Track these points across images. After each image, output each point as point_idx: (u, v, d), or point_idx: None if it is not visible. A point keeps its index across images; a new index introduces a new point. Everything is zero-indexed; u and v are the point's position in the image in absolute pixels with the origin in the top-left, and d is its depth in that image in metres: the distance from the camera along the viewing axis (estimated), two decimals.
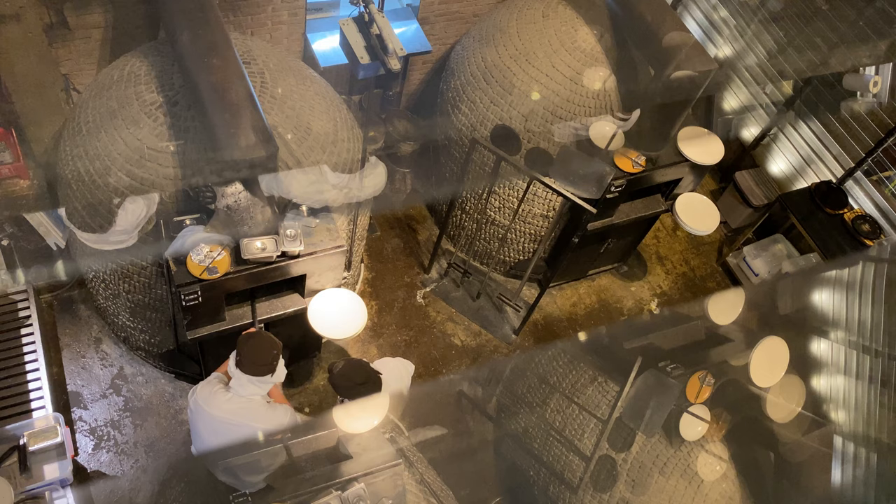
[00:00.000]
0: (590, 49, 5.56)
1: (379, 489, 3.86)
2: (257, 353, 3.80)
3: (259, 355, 3.80)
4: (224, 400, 3.81)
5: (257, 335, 3.93)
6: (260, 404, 3.85)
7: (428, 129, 6.46)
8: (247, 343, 3.83)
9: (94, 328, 5.68)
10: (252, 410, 3.83)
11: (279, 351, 3.88)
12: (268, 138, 3.86)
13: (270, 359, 3.82)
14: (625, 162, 5.44)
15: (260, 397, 3.87)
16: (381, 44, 5.46)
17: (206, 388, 3.88)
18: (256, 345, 3.83)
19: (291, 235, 4.33)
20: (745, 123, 7.03)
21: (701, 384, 4.71)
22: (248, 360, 3.77)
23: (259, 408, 3.85)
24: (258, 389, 3.83)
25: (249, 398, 3.82)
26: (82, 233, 4.53)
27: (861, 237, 6.11)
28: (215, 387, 3.86)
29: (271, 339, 3.91)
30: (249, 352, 3.79)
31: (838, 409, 4.89)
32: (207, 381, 3.94)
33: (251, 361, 3.77)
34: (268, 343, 3.87)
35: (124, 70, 4.57)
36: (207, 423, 3.84)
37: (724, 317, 5.25)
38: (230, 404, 3.80)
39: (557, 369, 5.41)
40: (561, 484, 4.94)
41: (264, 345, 3.85)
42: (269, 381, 3.85)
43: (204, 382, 3.94)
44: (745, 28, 6.69)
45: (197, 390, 3.90)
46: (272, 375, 3.84)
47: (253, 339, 3.87)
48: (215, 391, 3.84)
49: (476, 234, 6.40)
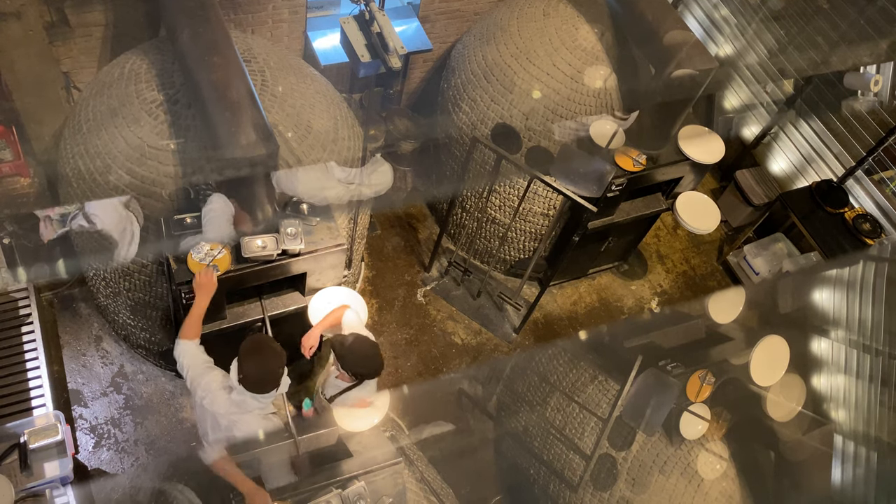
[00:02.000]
0: (590, 47, 5.55)
1: (379, 487, 3.86)
2: (262, 371, 3.63)
3: (264, 374, 3.63)
4: (223, 405, 3.71)
5: (262, 350, 3.71)
6: (256, 419, 3.74)
7: (428, 128, 6.46)
8: (250, 359, 3.64)
9: (94, 326, 5.68)
10: (247, 424, 3.72)
11: (283, 364, 3.72)
12: (268, 136, 3.86)
13: (276, 376, 3.67)
14: (625, 160, 5.44)
15: (258, 411, 3.74)
16: (382, 42, 5.46)
17: (208, 382, 3.79)
18: (261, 362, 3.64)
19: (292, 234, 4.32)
20: (746, 122, 7.03)
21: (701, 383, 4.71)
22: (252, 379, 3.61)
23: (255, 423, 3.73)
24: (260, 405, 3.71)
25: (249, 412, 3.70)
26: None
27: (862, 236, 6.11)
28: (218, 384, 3.77)
29: (275, 352, 3.71)
30: (254, 370, 3.62)
31: (838, 408, 4.89)
32: (211, 374, 3.85)
33: (256, 381, 3.61)
34: (272, 358, 3.68)
35: (125, 68, 4.57)
36: (210, 417, 3.78)
37: (725, 315, 5.25)
38: (228, 415, 3.70)
39: (558, 368, 5.41)
40: (561, 482, 4.94)
41: (269, 361, 3.66)
42: (273, 396, 3.73)
43: (206, 373, 3.84)
44: (746, 26, 6.69)
45: (201, 383, 3.80)
46: (276, 390, 3.71)
47: (257, 354, 3.67)
48: (216, 391, 3.74)
49: (476, 232, 6.40)
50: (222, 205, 4.16)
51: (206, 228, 4.21)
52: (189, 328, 3.98)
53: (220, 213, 4.17)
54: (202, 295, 4.05)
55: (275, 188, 4.35)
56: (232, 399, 3.71)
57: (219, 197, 4.15)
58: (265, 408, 3.78)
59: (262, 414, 3.77)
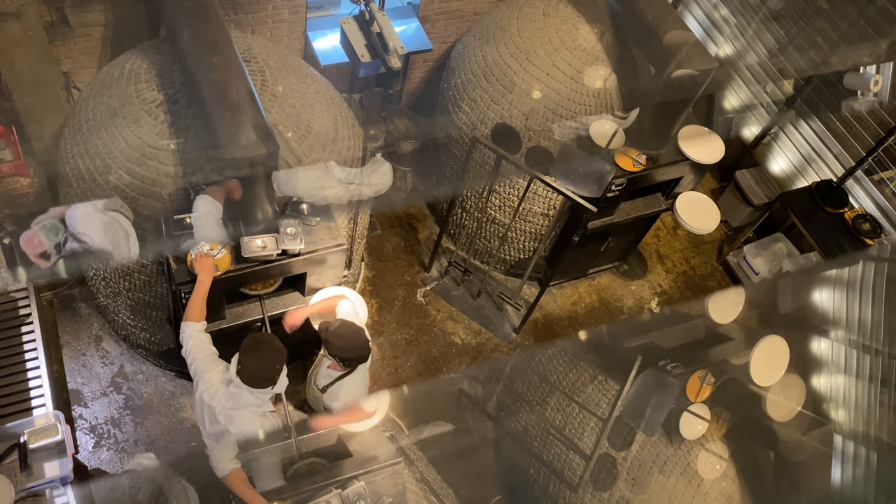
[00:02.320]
0: (590, 47, 5.56)
1: (379, 487, 3.86)
2: (260, 365, 3.65)
3: (262, 369, 3.65)
4: (221, 399, 3.72)
5: (263, 345, 3.75)
6: (252, 418, 3.73)
7: (428, 128, 6.46)
8: (250, 353, 3.67)
9: (94, 326, 5.68)
10: (242, 426, 3.72)
11: (283, 363, 3.74)
12: (268, 136, 3.86)
13: (273, 373, 3.68)
14: (625, 161, 5.44)
15: (255, 408, 3.74)
16: (382, 42, 5.46)
17: (210, 376, 3.80)
18: (260, 357, 3.67)
19: (292, 234, 4.32)
20: (746, 122, 7.03)
21: (701, 383, 4.71)
22: (249, 373, 3.63)
23: (251, 421, 3.73)
24: (256, 400, 3.70)
25: (245, 407, 3.70)
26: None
27: (861, 236, 6.11)
28: (219, 378, 3.78)
29: (276, 349, 3.74)
30: (252, 364, 3.64)
31: (838, 408, 4.89)
32: (214, 368, 3.85)
33: (253, 375, 3.63)
34: (272, 355, 3.70)
35: (125, 68, 4.57)
36: (209, 411, 3.78)
37: (725, 316, 5.25)
38: (225, 410, 3.71)
39: (557, 368, 5.41)
40: (561, 482, 4.94)
41: (268, 357, 3.69)
42: (269, 392, 3.73)
43: (210, 366, 3.84)
44: (746, 27, 6.69)
45: (203, 376, 3.80)
46: (273, 388, 3.73)
47: (258, 349, 3.70)
48: (216, 384, 3.76)
49: (476, 232, 6.40)
50: (208, 206, 4.17)
51: (197, 234, 4.22)
52: (193, 310, 3.99)
53: (206, 215, 4.17)
54: (203, 272, 4.06)
55: (274, 188, 4.35)
56: (230, 392, 3.72)
57: (202, 199, 4.14)
58: (262, 405, 3.78)
59: (258, 412, 3.76)
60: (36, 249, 4.03)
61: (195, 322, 3.96)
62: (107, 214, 4.11)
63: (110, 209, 4.16)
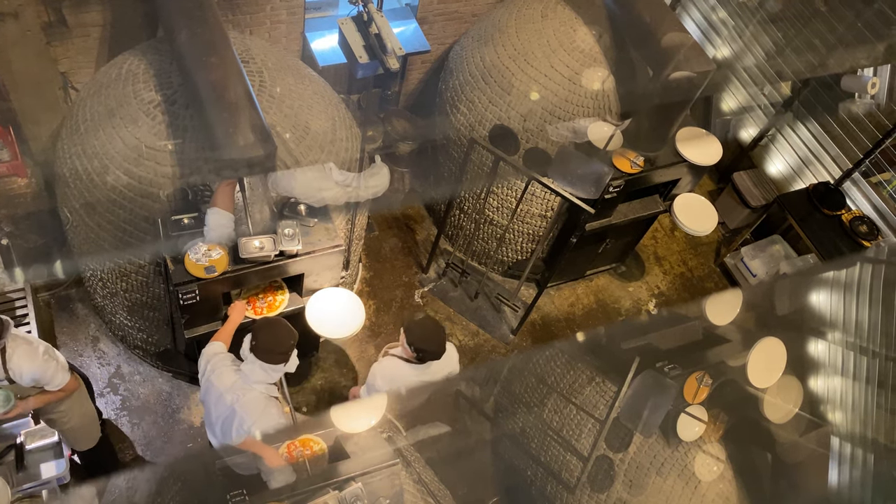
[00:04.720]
0: (588, 49, 5.56)
1: (376, 489, 3.86)
2: (275, 340, 3.77)
3: (276, 343, 3.77)
4: (229, 379, 3.80)
5: (276, 322, 3.90)
6: (259, 399, 3.79)
7: (426, 129, 6.46)
8: (265, 329, 3.80)
9: (91, 327, 5.67)
10: (250, 403, 3.77)
11: (295, 341, 3.86)
12: (266, 137, 3.86)
13: (286, 348, 3.80)
14: (623, 162, 5.45)
15: (263, 388, 3.82)
16: (380, 43, 5.46)
17: (218, 357, 3.89)
18: (275, 332, 3.80)
19: (289, 234, 4.32)
20: (744, 124, 7.04)
21: (698, 385, 4.71)
22: (264, 347, 3.74)
23: (257, 403, 3.78)
24: (268, 377, 3.80)
25: (252, 387, 3.78)
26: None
27: (858, 238, 6.12)
28: (225, 360, 3.87)
29: (289, 328, 3.88)
30: (267, 338, 3.76)
31: (835, 409, 4.89)
32: (221, 354, 3.94)
33: (268, 349, 3.74)
34: (285, 332, 3.84)
35: (122, 68, 4.57)
36: (215, 392, 3.83)
37: (722, 317, 5.25)
38: (233, 389, 3.77)
39: (555, 369, 5.41)
40: (558, 484, 4.94)
41: (282, 333, 3.82)
42: (281, 370, 3.83)
43: (217, 352, 3.94)
44: (744, 29, 6.70)
45: (211, 359, 3.89)
46: (285, 365, 3.83)
47: (272, 326, 3.84)
48: (225, 365, 3.84)
49: (474, 233, 6.40)
50: (220, 220, 4.20)
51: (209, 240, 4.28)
52: (221, 335, 4.20)
53: (218, 228, 4.21)
54: (235, 313, 4.36)
55: (271, 189, 4.35)
56: (241, 370, 3.82)
57: (213, 213, 4.18)
58: (270, 386, 3.87)
59: (265, 394, 3.83)
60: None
61: (221, 343, 4.13)
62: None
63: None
